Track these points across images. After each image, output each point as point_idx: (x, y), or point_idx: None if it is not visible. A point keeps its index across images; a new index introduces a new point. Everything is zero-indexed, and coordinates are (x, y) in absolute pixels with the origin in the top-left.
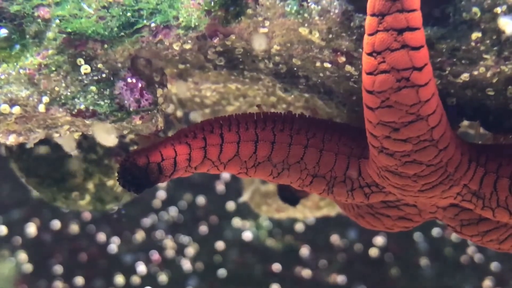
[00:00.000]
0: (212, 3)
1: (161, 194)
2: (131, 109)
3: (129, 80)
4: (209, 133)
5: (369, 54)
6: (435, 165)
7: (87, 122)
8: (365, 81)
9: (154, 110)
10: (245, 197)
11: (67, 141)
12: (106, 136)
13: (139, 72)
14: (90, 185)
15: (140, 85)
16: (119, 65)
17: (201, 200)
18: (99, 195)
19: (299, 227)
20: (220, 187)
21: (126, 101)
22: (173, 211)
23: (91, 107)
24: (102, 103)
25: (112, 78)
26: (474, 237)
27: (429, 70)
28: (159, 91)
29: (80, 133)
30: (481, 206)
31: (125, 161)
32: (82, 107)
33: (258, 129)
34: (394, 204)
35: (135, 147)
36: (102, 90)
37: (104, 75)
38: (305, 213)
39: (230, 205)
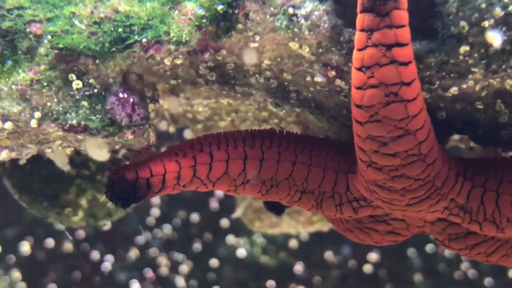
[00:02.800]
0: (203, 18)
1: (155, 212)
2: (122, 124)
3: (120, 95)
4: (199, 151)
5: (358, 69)
6: (423, 179)
7: (79, 137)
8: (354, 96)
9: (146, 125)
10: (238, 213)
11: (59, 156)
12: (98, 151)
13: (130, 87)
14: (83, 201)
15: (131, 100)
16: (111, 80)
17: (195, 217)
18: (92, 211)
19: (293, 243)
20: (214, 204)
21: (118, 116)
22: (167, 228)
23: (83, 122)
24: (94, 118)
25: (103, 93)
26: (462, 250)
27: (417, 85)
28: (151, 106)
29: (72, 149)
30: (468, 220)
31: (113, 174)
32: (74, 122)
33: (246, 146)
34: (382, 218)
35: (127, 162)
36: (93, 105)
37: (95, 90)
38: (298, 228)
39: (224, 222)
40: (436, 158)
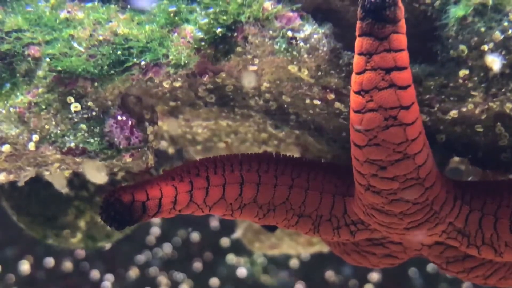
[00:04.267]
0: (202, 41)
1: (155, 231)
2: (121, 147)
3: (119, 117)
4: (195, 176)
5: (357, 93)
6: (421, 203)
7: (77, 160)
8: (353, 119)
9: (145, 148)
10: (238, 234)
11: (58, 179)
12: (97, 173)
13: (129, 109)
14: (82, 223)
15: (130, 122)
16: (109, 103)
17: (195, 236)
18: (91, 232)
19: (293, 263)
20: (214, 223)
21: (116, 139)
22: (167, 247)
23: (81, 145)
24: (92, 141)
25: (102, 116)
26: (460, 273)
27: (416, 109)
28: (150, 129)
29: (71, 171)
30: (466, 244)
31: (109, 196)
32: (72, 145)
33: (243, 171)
34: (379, 241)
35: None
36: (92, 128)
37: (94, 113)
38: (298, 249)
39: (225, 241)
40: (435, 182)
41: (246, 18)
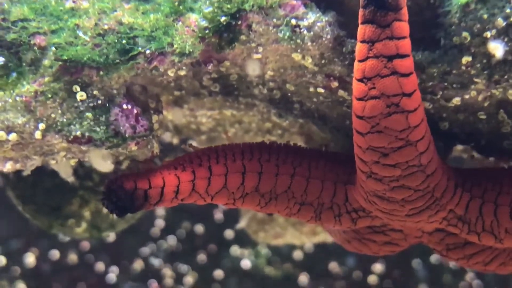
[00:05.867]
0: (206, 29)
1: (160, 223)
2: (126, 135)
3: (124, 106)
4: (198, 166)
5: (360, 80)
6: (422, 190)
7: (83, 148)
8: (355, 107)
9: (150, 136)
10: (242, 224)
11: (64, 168)
12: (102, 162)
13: (134, 98)
14: (86, 213)
15: (135, 111)
16: (115, 91)
17: (199, 228)
18: (95, 222)
19: (297, 254)
20: (218, 215)
21: (121, 127)
22: (171, 239)
23: (87, 134)
24: (98, 129)
25: (107, 105)
26: (460, 260)
27: (418, 96)
28: (155, 117)
29: (76, 160)
30: (467, 231)
31: (112, 183)
32: (78, 133)
33: (245, 160)
34: (380, 229)
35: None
36: (97, 116)
37: (99, 102)
38: (302, 239)
39: (229, 233)
40: (436, 169)
41: (250, 6)
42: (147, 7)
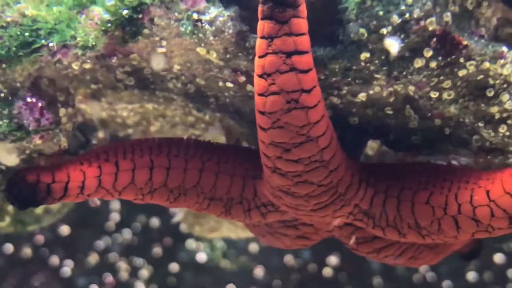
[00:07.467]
0: (109, 23)
1: (115, 216)
2: (30, 129)
3: (28, 99)
4: (104, 161)
5: (260, 76)
6: (326, 185)
7: None
8: (257, 102)
9: (56, 130)
10: (178, 218)
11: None
12: (7, 156)
13: (41, 91)
14: (9, 207)
15: (40, 104)
16: (18, 84)
17: (154, 222)
18: (19, 216)
19: (253, 247)
20: (173, 208)
21: (25, 121)
22: (126, 233)
23: None
24: (0, 122)
25: (10, 98)
26: (370, 253)
27: (318, 92)
28: (62, 111)
29: None
30: (372, 225)
31: (14, 175)
32: None
33: (153, 155)
34: (291, 223)
35: None
36: (0, 110)
37: (2, 95)
38: (238, 232)
39: (184, 227)
40: (339, 165)
41: (151, 0)
42: (52, 0)
